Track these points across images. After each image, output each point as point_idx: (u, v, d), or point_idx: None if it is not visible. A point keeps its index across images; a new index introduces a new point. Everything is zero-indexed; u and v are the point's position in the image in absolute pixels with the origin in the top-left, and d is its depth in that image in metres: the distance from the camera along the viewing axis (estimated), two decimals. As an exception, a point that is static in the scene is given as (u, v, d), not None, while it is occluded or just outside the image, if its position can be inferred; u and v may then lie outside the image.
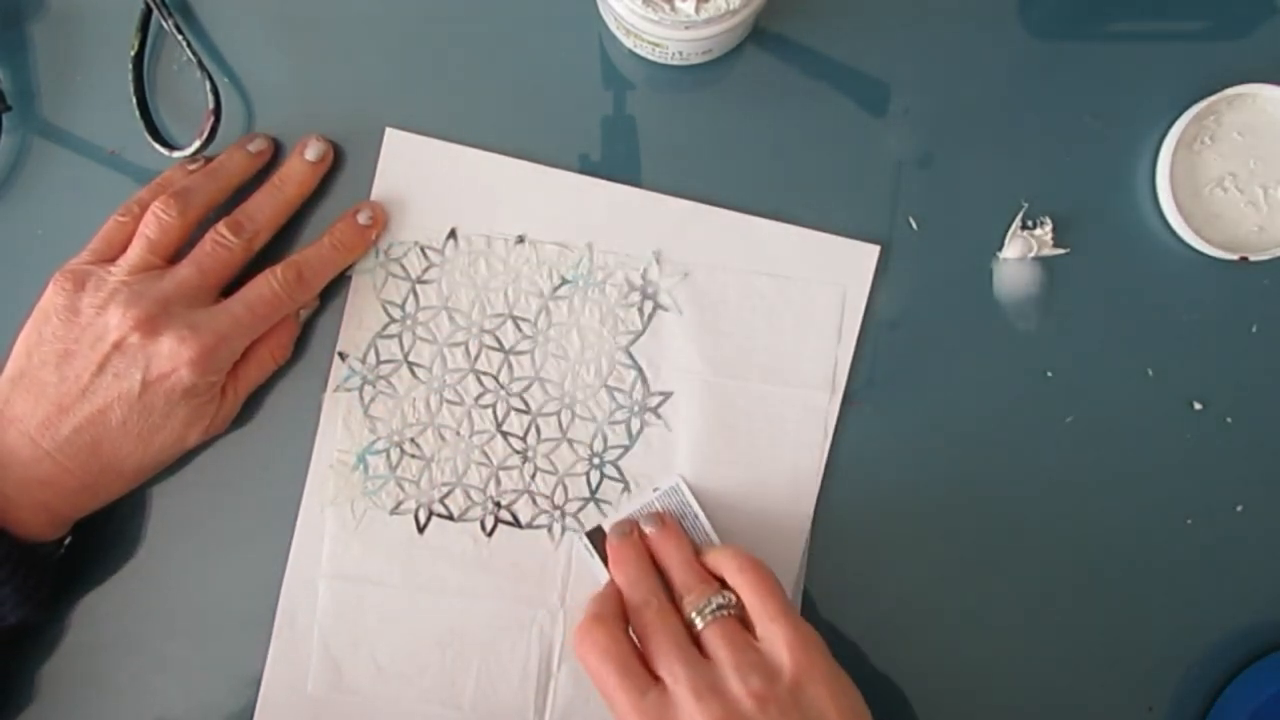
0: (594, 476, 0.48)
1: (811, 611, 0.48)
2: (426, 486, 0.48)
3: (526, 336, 0.48)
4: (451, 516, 0.48)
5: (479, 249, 0.48)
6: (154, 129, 0.48)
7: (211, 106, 0.47)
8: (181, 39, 0.47)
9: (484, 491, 0.48)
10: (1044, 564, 0.48)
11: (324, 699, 0.48)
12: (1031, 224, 0.48)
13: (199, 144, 0.47)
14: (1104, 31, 0.48)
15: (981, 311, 0.48)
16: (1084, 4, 0.48)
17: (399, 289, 0.48)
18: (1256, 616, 0.48)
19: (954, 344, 0.48)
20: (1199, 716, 0.48)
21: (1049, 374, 0.48)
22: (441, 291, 0.48)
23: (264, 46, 0.49)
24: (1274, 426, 0.48)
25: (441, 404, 0.48)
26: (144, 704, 0.48)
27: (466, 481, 0.48)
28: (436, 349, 0.48)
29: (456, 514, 0.48)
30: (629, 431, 0.48)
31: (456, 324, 0.48)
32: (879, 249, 0.48)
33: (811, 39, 0.48)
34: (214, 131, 0.47)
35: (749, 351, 0.48)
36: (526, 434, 0.48)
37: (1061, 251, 0.48)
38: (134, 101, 0.48)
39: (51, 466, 0.43)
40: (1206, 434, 0.48)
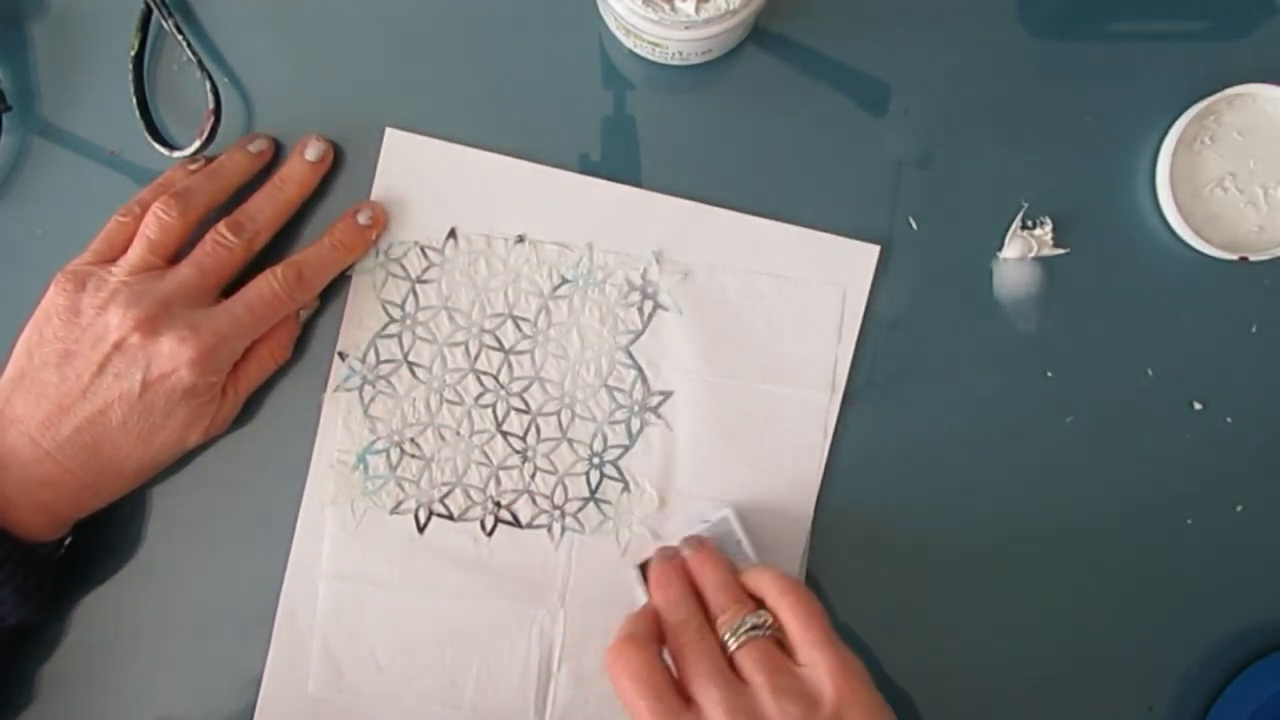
0: (594, 476, 0.48)
1: (811, 611, 0.48)
2: (426, 486, 0.48)
3: (526, 336, 0.48)
4: (451, 516, 0.48)
5: (479, 249, 0.48)
6: (154, 129, 0.48)
7: (211, 106, 0.47)
8: (181, 39, 0.47)
9: (484, 491, 0.48)
10: (1044, 564, 0.48)
11: (324, 699, 0.48)
12: (1031, 224, 0.48)
13: (199, 144, 0.47)
14: (1104, 31, 0.48)
15: (981, 311, 0.48)
16: (1084, 4, 0.48)
17: (399, 289, 0.48)
18: (1256, 616, 0.48)
19: (954, 344, 0.48)
20: (1199, 716, 0.48)
21: (1049, 374, 0.48)
22: (441, 291, 0.48)
23: (264, 46, 0.49)
24: (1274, 426, 0.48)
25: (441, 404, 0.48)
26: (144, 704, 0.48)
27: (466, 481, 0.48)
28: (436, 349, 0.48)
29: (456, 514, 0.48)
30: (629, 431, 0.48)
31: (456, 324, 0.48)
32: (879, 249, 0.48)
33: (811, 39, 0.48)
34: (214, 131, 0.47)
35: (749, 351, 0.48)
36: (526, 434, 0.48)
37: (1061, 251, 0.48)
38: (134, 101, 0.48)
39: (52, 467, 0.43)
40: (1206, 434, 0.48)
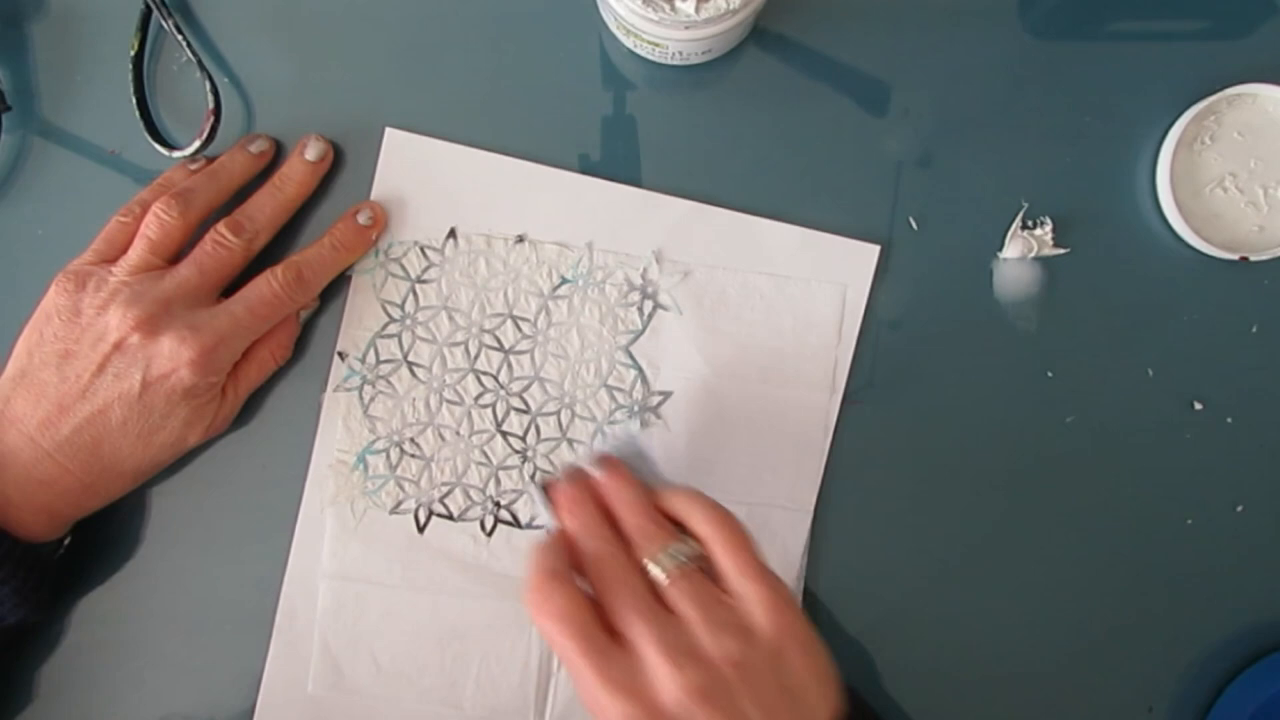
0: (594, 476, 0.48)
1: (812, 611, 0.48)
2: (426, 486, 0.48)
3: (526, 336, 0.48)
4: (451, 516, 0.48)
5: (479, 249, 0.48)
6: (154, 129, 0.48)
7: (211, 106, 0.47)
8: (181, 39, 0.47)
9: (484, 491, 0.48)
10: (1044, 564, 0.48)
11: (324, 699, 0.48)
12: (1031, 224, 0.48)
13: (199, 144, 0.47)
14: (1104, 31, 0.48)
15: (981, 311, 0.48)
16: (1084, 4, 0.48)
17: (399, 289, 0.48)
18: (1256, 616, 0.48)
19: (954, 344, 0.48)
20: (1199, 716, 0.48)
21: (1049, 374, 0.48)
22: (441, 291, 0.48)
23: (264, 46, 0.49)
24: (1274, 426, 0.48)
25: (441, 404, 0.48)
26: (144, 704, 0.48)
27: (466, 481, 0.48)
28: (436, 349, 0.48)
29: (456, 514, 0.48)
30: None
31: (456, 324, 0.48)
32: (879, 249, 0.48)
33: (811, 39, 0.48)
34: (214, 131, 0.47)
35: (749, 351, 0.48)
36: (526, 434, 0.48)
37: (1061, 251, 0.48)
38: (134, 101, 0.48)
39: (52, 467, 0.43)
40: (1206, 434, 0.48)
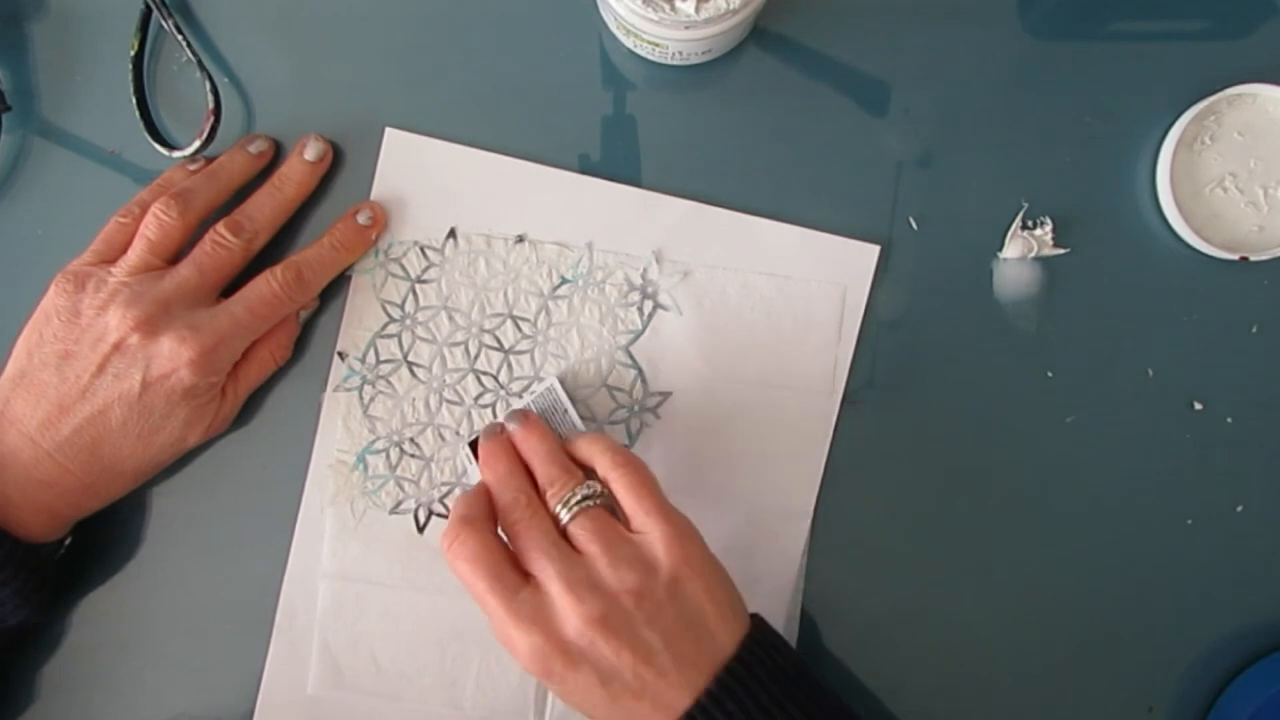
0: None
1: (812, 610, 0.48)
2: (426, 486, 0.48)
3: (526, 336, 0.48)
4: (451, 516, 0.48)
5: (479, 248, 0.48)
6: (154, 129, 0.48)
7: (211, 106, 0.47)
8: (181, 39, 0.47)
9: (484, 491, 0.48)
10: (1044, 564, 0.48)
11: (324, 699, 0.48)
12: (1031, 224, 0.48)
13: (199, 144, 0.47)
14: (1104, 31, 0.48)
15: (981, 311, 0.48)
16: (1084, 4, 0.48)
17: (399, 289, 0.48)
18: (1256, 616, 0.48)
19: (954, 344, 0.48)
20: (1199, 716, 0.48)
21: (1049, 374, 0.48)
22: (441, 291, 0.48)
23: (264, 46, 0.49)
24: (1274, 426, 0.48)
25: (441, 404, 0.48)
26: (144, 704, 0.48)
27: (466, 481, 0.48)
28: (436, 349, 0.48)
29: (456, 514, 0.48)
30: (629, 431, 0.48)
31: (456, 324, 0.48)
32: (879, 249, 0.48)
33: (811, 39, 0.48)
34: (214, 131, 0.47)
35: (749, 351, 0.48)
36: (526, 434, 0.48)
37: (1061, 251, 0.48)
38: (134, 101, 0.48)
39: (52, 467, 0.43)
40: (1206, 434, 0.48)
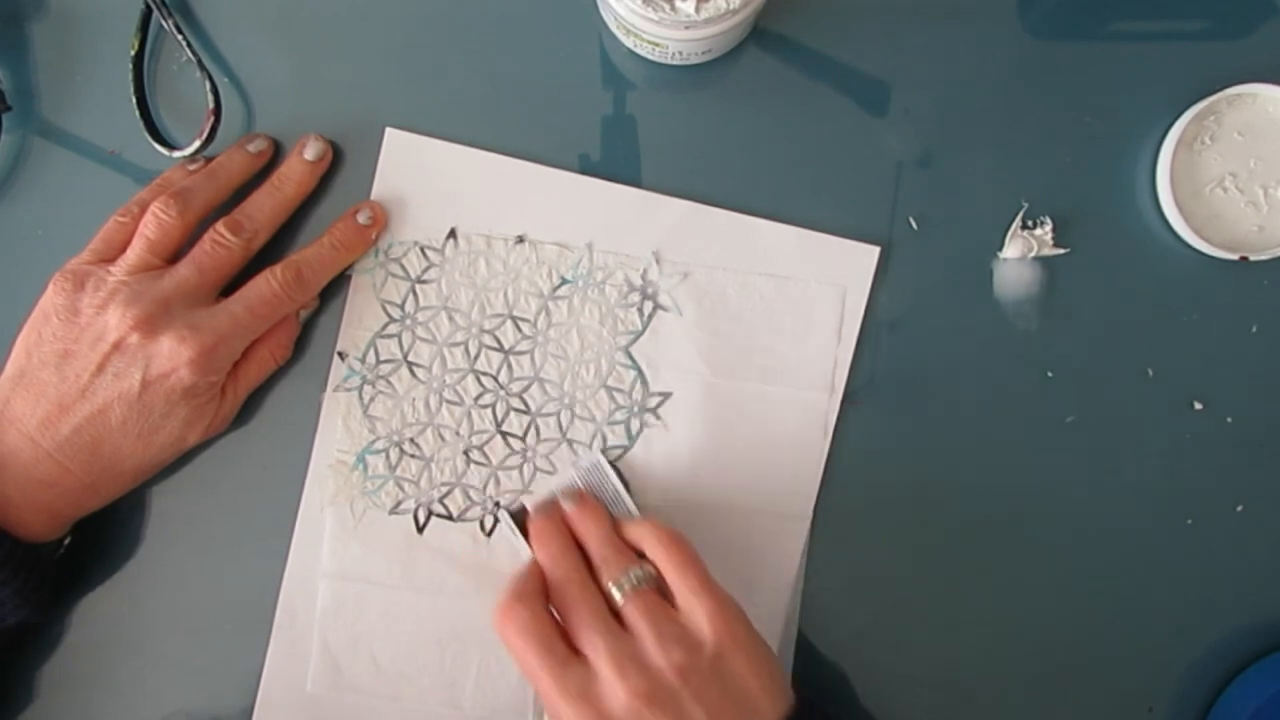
0: (594, 476, 0.48)
1: (811, 611, 0.48)
2: (426, 486, 0.48)
3: (526, 337, 0.48)
4: (451, 516, 0.48)
5: (479, 249, 0.48)
6: (154, 129, 0.48)
7: (211, 106, 0.47)
8: (181, 39, 0.47)
9: (483, 491, 0.48)
10: (1044, 564, 0.48)
11: (323, 698, 0.48)
12: (1031, 224, 0.48)
13: (199, 144, 0.47)
14: (1104, 31, 0.48)
15: (981, 311, 0.48)
16: (1084, 4, 0.48)
17: (399, 289, 0.48)
18: (1256, 616, 0.48)
19: (954, 344, 0.48)
20: (1199, 716, 0.48)
21: (1049, 374, 0.48)
22: (441, 291, 0.48)
23: (264, 46, 0.49)
24: (1274, 426, 0.48)
25: (441, 404, 0.48)
26: (144, 704, 0.48)
27: (466, 481, 0.48)
28: (436, 349, 0.48)
29: (456, 514, 0.48)
30: (628, 432, 0.48)
31: (456, 324, 0.48)
32: (879, 250, 0.48)
33: (811, 39, 0.48)
34: (214, 131, 0.47)
35: (749, 352, 0.48)
36: (526, 434, 0.48)
37: (1061, 251, 0.48)
38: (134, 101, 0.48)
39: (52, 467, 0.43)
40: (1206, 434, 0.48)
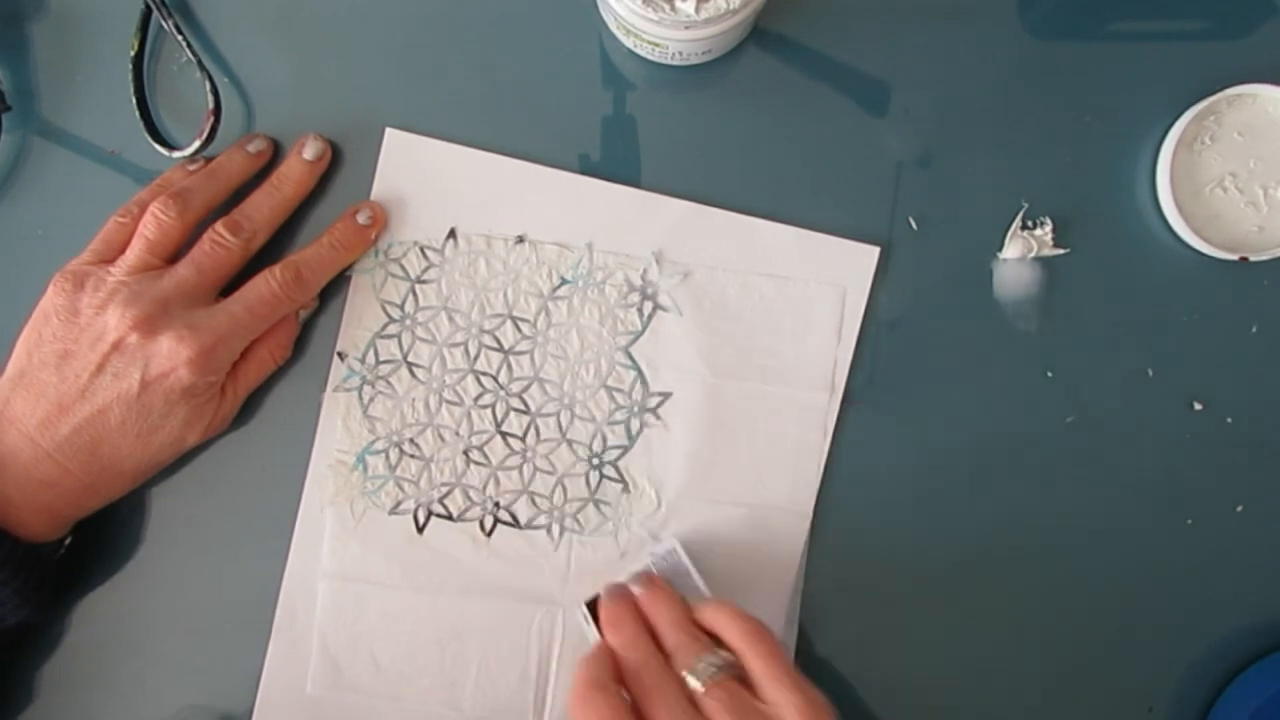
0: (593, 477, 0.48)
1: (811, 611, 0.48)
2: (426, 486, 0.48)
3: (526, 337, 0.48)
4: (451, 517, 0.48)
5: (478, 249, 0.48)
6: (154, 129, 0.48)
7: (211, 106, 0.47)
8: (181, 39, 0.47)
9: (483, 492, 0.48)
10: (1044, 564, 0.48)
11: (323, 699, 0.48)
12: (1031, 224, 0.48)
13: (199, 144, 0.47)
14: (1104, 31, 0.48)
15: (981, 311, 0.48)
16: (1084, 4, 0.48)
17: (398, 289, 0.48)
18: (1256, 616, 0.48)
19: (954, 344, 0.48)
20: (1199, 716, 0.48)
21: (1049, 374, 0.48)
22: (441, 292, 0.48)
23: (264, 46, 0.49)
24: (1274, 426, 0.48)
25: (441, 404, 0.48)
26: (144, 704, 0.48)
27: (465, 482, 0.48)
28: (436, 349, 0.48)
29: (456, 514, 0.48)
30: (628, 432, 0.48)
31: (456, 324, 0.48)
32: (879, 250, 0.48)
33: (811, 39, 0.48)
34: (214, 131, 0.47)
35: (748, 352, 0.48)
36: (526, 434, 0.48)
37: (1061, 251, 0.48)
38: (134, 101, 0.48)
39: (52, 467, 0.43)
40: (1206, 434, 0.48)
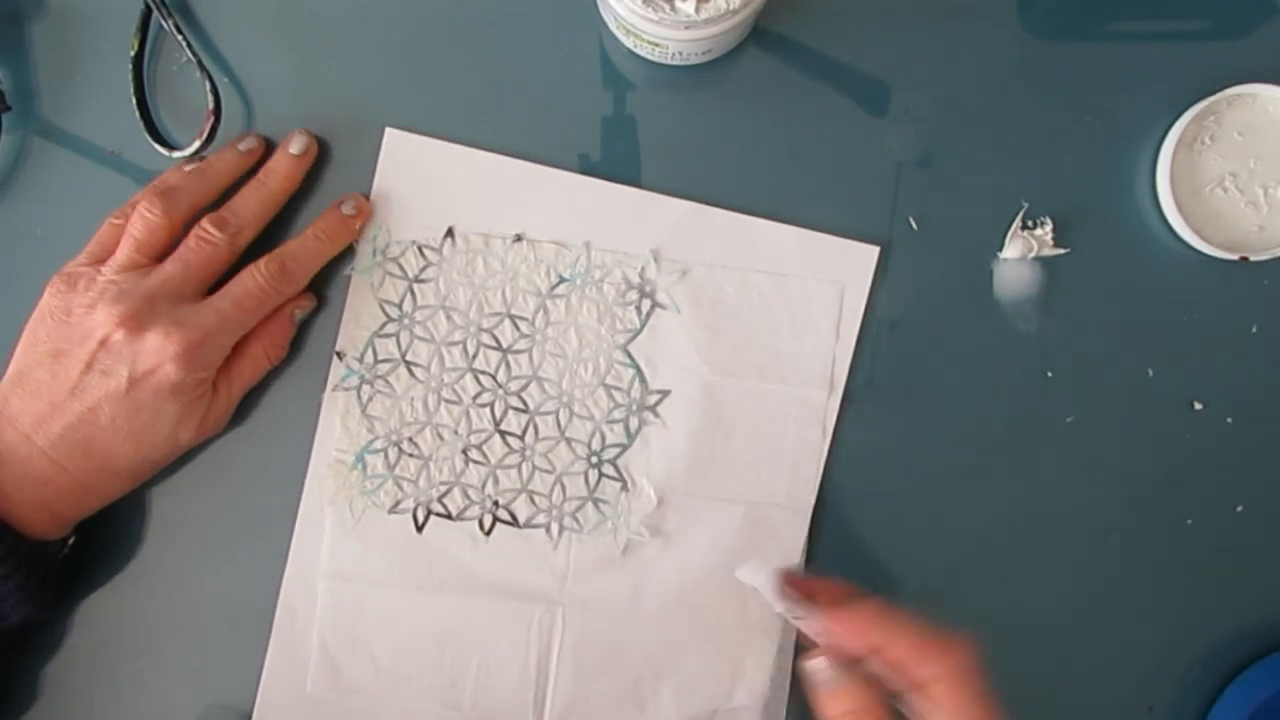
0: (592, 475, 0.48)
1: (810, 612, 0.48)
2: (425, 486, 0.48)
3: (524, 335, 0.48)
4: (450, 516, 0.48)
5: (477, 248, 0.48)
6: (154, 129, 0.48)
7: (211, 106, 0.47)
8: (181, 39, 0.47)
9: (482, 491, 0.48)
10: (1043, 563, 0.48)
11: (323, 698, 0.48)
12: (1031, 224, 0.48)
13: (199, 144, 0.47)
14: (1104, 31, 0.48)
15: (981, 311, 0.48)
16: (1084, 4, 0.48)
17: (396, 288, 0.48)
18: (1256, 616, 0.48)
19: (954, 344, 0.48)
20: (1199, 716, 0.48)
21: (1049, 374, 0.48)
22: (439, 291, 0.48)
23: (264, 46, 0.49)
24: (1274, 426, 0.48)
25: (439, 403, 0.48)
26: (144, 704, 0.48)
27: (465, 481, 0.48)
28: (434, 348, 0.48)
29: (455, 513, 0.48)
30: (627, 430, 0.48)
31: (454, 323, 0.48)
32: (879, 250, 0.48)
33: (811, 39, 0.48)
34: (214, 131, 0.47)
35: (747, 349, 0.48)
36: (525, 433, 0.48)
37: (1061, 251, 0.48)
38: (134, 101, 0.48)
39: (47, 465, 0.43)
40: (1206, 434, 0.48)
